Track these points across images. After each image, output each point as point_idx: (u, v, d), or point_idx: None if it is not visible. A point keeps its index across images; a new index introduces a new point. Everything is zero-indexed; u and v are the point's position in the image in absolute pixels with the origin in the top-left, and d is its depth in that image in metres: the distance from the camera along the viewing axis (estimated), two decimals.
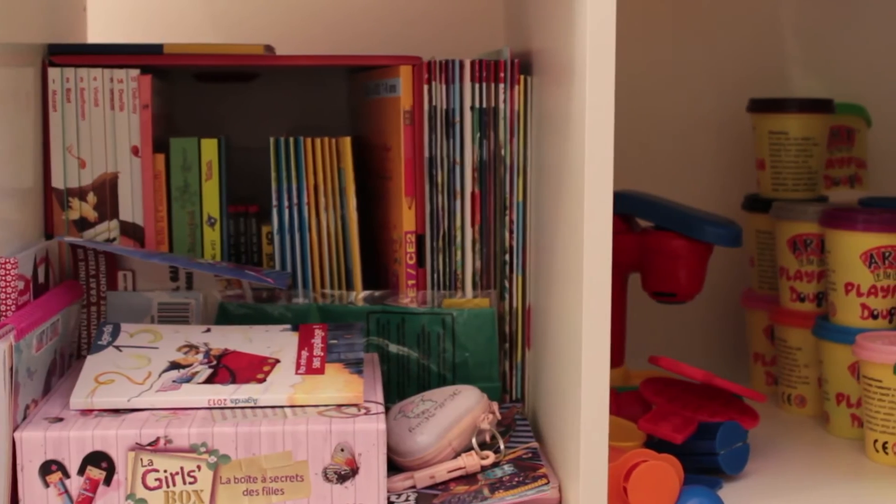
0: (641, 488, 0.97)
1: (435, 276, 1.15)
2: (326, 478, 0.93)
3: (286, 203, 1.15)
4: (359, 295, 1.15)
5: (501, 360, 1.16)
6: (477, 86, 1.14)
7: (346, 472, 0.94)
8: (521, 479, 0.99)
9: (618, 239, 1.25)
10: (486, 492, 0.97)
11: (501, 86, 1.14)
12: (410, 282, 1.15)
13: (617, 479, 0.98)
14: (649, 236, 1.22)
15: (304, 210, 1.16)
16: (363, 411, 0.96)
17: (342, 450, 0.93)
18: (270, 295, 1.15)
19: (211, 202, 1.16)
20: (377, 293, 1.15)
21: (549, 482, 0.97)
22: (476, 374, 1.14)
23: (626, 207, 1.25)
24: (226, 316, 1.14)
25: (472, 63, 1.13)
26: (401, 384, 1.14)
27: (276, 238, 1.16)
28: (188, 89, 1.36)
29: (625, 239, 1.24)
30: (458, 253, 1.15)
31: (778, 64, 1.46)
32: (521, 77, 1.13)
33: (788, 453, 1.17)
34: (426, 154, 1.14)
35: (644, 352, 1.37)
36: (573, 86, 0.95)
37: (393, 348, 1.14)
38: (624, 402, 1.16)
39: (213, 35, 1.40)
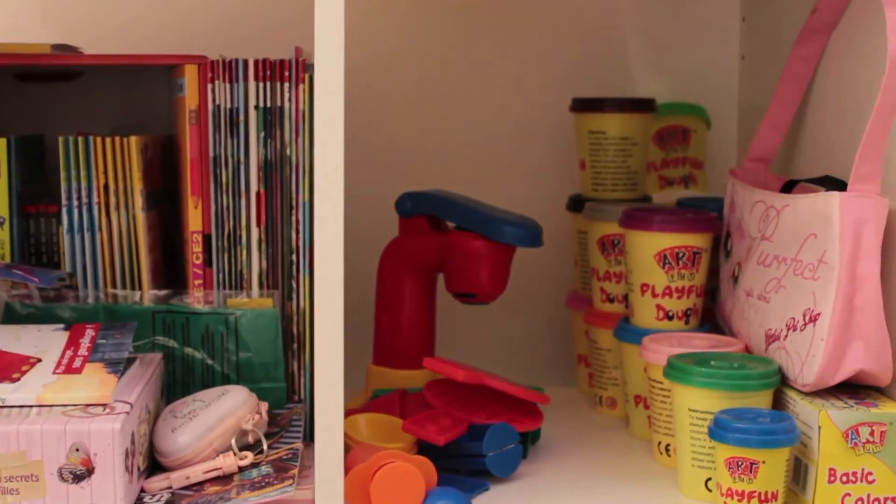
0: (384, 490, 0.97)
1: (221, 275, 1.15)
2: (62, 478, 0.93)
3: (76, 202, 1.15)
4: (146, 295, 1.15)
5: (289, 360, 1.15)
6: (261, 85, 1.13)
7: (81, 472, 0.93)
8: (271, 480, 0.98)
9: (421, 239, 1.25)
10: (233, 493, 0.97)
11: (286, 85, 1.13)
12: (198, 281, 1.15)
13: (364, 479, 0.98)
14: (450, 237, 1.21)
15: (94, 209, 1.15)
16: (107, 411, 0.96)
17: (77, 449, 0.93)
18: (58, 294, 1.15)
19: None
20: (163, 293, 1.15)
21: (293, 483, 0.96)
22: (260, 374, 1.13)
23: (429, 208, 1.24)
24: (12, 315, 1.13)
25: (256, 62, 1.13)
26: (186, 384, 1.14)
27: (66, 238, 1.15)
28: (12, 89, 1.35)
29: (428, 239, 1.24)
30: (244, 253, 1.14)
31: (619, 64, 1.45)
32: (307, 76, 1.13)
33: (577, 455, 1.16)
34: (211, 153, 1.13)
35: (471, 355, 1.35)
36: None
37: (178, 348, 1.13)
38: (410, 403, 1.15)
39: (45, 36, 1.39)
